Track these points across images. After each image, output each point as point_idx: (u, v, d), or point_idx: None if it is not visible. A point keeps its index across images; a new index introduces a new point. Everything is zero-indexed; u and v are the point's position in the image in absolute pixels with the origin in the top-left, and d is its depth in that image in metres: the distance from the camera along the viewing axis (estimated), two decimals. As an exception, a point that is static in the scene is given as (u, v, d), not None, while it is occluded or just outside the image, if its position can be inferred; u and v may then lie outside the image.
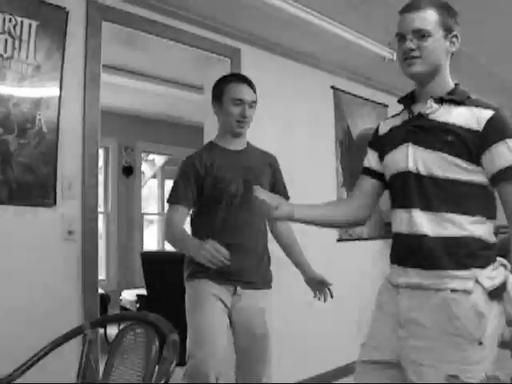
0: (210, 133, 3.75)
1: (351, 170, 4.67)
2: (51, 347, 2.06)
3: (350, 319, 4.39)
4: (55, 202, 2.68)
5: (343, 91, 4.67)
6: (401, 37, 1.73)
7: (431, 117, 1.68)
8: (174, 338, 1.76)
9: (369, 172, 1.98)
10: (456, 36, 1.72)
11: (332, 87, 4.56)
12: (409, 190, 1.69)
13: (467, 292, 1.54)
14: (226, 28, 3.63)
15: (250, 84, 2.59)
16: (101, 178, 7.11)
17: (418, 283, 1.63)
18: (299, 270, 2.70)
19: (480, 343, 1.51)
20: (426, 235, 1.62)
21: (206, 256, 2.13)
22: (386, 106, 5.24)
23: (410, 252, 1.68)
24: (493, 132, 1.59)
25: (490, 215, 1.66)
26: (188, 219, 2.56)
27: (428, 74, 1.72)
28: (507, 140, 1.59)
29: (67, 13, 2.75)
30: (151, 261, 4.29)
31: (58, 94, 2.71)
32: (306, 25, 3.49)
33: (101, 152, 7.15)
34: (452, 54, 1.76)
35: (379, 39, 3.92)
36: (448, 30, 1.70)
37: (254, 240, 2.54)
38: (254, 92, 2.59)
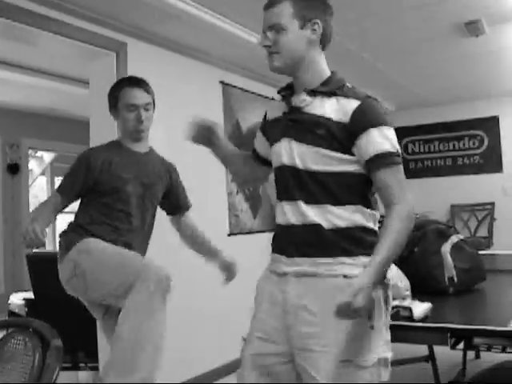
0: (96, 128, 3.66)
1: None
2: None
3: (240, 315, 4.45)
4: None
5: (233, 86, 4.71)
6: (263, 34, 1.74)
7: (305, 109, 1.69)
8: (57, 343, 1.71)
9: (256, 156, 2.00)
10: (317, 23, 1.70)
11: (221, 82, 4.58)
12: (290, 183, 1.71)
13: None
14: (112, 21, 3.53)
15: (143, 86, 2.59)
16: (-16, 176, 6.74)
17: (309, 271, 1.64)
18: (211, 258, 2.77)
19: (371, 327, 1.56)
20: (313, 225, 1.65)
21: (23, 234, 2.18)
22: (275, 99, 5.34)
23: (298, 242, 1.68)
24: (358, 123, 1.61)
25: (371, 203, 1.71)
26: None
27: (290, 67, 1.72)
28: (374, 129, 1.60)
29: None
30: (37, 263, 4.12)
31: None
32: (194, 19, 3.47)
33: (-18, 150, 6.77)
34: (323, 44, 1.76)
35: (266, 35, 3.98)
36: (305, 20, 1.69)
37: (140, 239, 2.59)
38: (149, 93, 2.60)
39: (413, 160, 7.37)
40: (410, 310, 2.04)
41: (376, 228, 1.71)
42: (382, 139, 1.60)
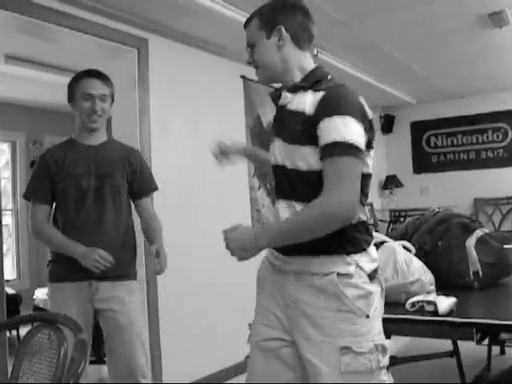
0: (118, 124, 3.68)
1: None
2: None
3: (242, 317, 4.46)
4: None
5: (253, 80, 4.69)
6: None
7: (287, 107, 1.71)
8: (83, 337, 1.72)
9: None
10: (280, 28, 1.73)
11: (242, 76, 4.58)
12: (282, 182, 1.72)
13: (350, 275, 1.61)
14: (133, 18, 3.55)
15: (102, 77, 2.60)
16: (8, 173, 6.83)
17: (305, 270, 1.67)
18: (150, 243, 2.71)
19: (367, 316, 1.62)
20: None
21: (93, 264, 2.39)
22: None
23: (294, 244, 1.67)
24: (320, 113, 1.58)
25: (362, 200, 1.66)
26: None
27: (273, 76, 1.80)
28: (327, 118, 1.56)
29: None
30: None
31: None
32: (214, 14, 3.47)
33: (6, 147, 6.86)
34: (298, 43, 1.75)
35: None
36: (269, 28, 1.75)
37: (108, 234, 2.55)
38: (107, 86, 2.60)
39: (435, 154, 7.29)
40: (434, 304, 2.02)
41: (367, 225, 1.72)
42: (331, 129, 1.55)
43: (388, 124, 7.40)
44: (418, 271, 2.27)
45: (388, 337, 2.11)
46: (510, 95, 6.76)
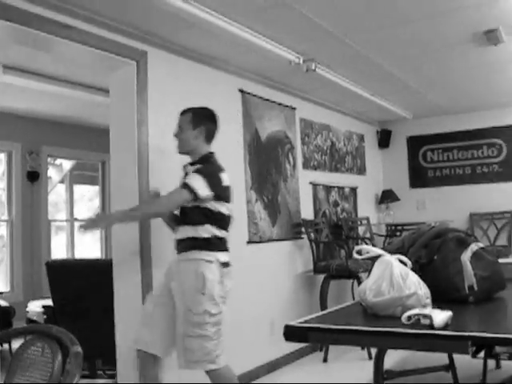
0: (116, 136, 3.69)
1: (260, 173, 4.73)
2: None
3: (262, 318, 4.44)
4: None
5: (251, 94, 4.72)
6: None
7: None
8: (77, 350, 1.72)
9: None
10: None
11: (240, 90, 4.60)
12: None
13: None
14: (132, 30, 3.57)
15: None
16: (3, 184, 6.82)
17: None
18: None
19: (203, 293, 2.79)
20: None
21: None
22: (293, 108, 5.35)
23: None
24: None
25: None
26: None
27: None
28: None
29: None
30: (56, 270, 4.15)
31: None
32: (214, 28, 3.49)
33: (2, 157, 6.86)
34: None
35: (286, 43, 4.00)
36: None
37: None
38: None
39: (432, 168, 7.32)
40: (430, 318, 2.02)
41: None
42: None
43: (385, 139, 7.43)
44: (414, 285, 2.27)
45: (384, 350, 2.11)
46: (505, 111, 6.81)
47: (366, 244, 5.69)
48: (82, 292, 3.93)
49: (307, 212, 5.48)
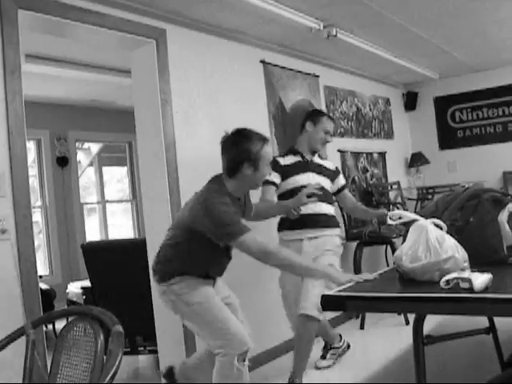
0: (141, 116, 3.69)
1: (286, 143, 4.69)
2: (-7, 352, 1.99)
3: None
4: (-17, 202, 2.58)
5: (273, 65, 4.66)
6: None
7: None
8: (118, 329, 1.74)
9: None
10: None
11: (262, 61, 4.54)
12: None
13: None
14: (149, 9, 3.54)
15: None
16: (35, 171, 6.92)
17: None
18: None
19: None
20: None
21: None
22: (316, 76, 5.27)
23: None
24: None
25: None
26: None
27: None
28: None
29: (-23, 2, 2.63)
30: (91, 251, 4.21)
31: (-26, 88, 2.59)
32: (232, 0, 3.44)
33: (32, 145, 6.94)
34: None
35: (304, 10, 3.92)
36: None
37: None
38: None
39: (461, 128, 7.17)
40: (469, 281, 1.99)
41: None
42: None
43: (411, 101, 7.29)
44: (451, 248, 2.24)
45: (423, 316, 2.08)
46: (535, 65, 6.61)
47: (398, 209, 5.64)
48: (118, 271, 3.98)
49: (337, 180, 5.41)
